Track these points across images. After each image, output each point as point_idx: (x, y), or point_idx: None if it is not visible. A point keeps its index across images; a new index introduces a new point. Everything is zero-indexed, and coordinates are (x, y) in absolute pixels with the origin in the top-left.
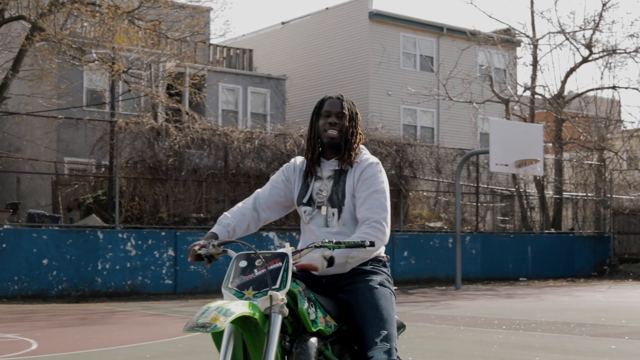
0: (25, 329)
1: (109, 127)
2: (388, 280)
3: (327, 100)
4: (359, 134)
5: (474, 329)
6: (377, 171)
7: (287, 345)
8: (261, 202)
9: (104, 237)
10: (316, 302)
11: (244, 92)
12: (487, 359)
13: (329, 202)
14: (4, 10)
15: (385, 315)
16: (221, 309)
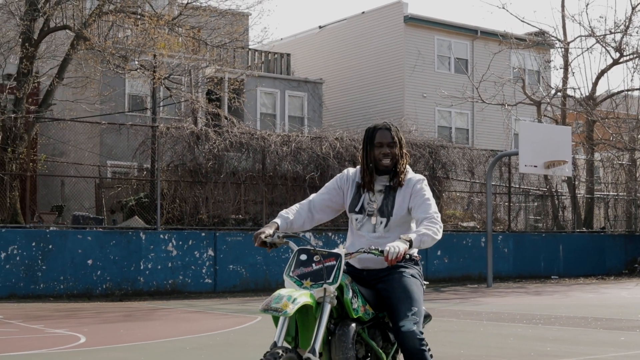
0: (72, 325)
1: (151, 131)
2: (419, 274)
3: (378, 130)
4: (405, 154)
5: (496, 323)
6: (424, 185)
7: (332, 327)
8: (315, 205)
9: (146, 238)
10: (358, 293)
11: (282, 95)
12: (502, 349)
13: (378, 212)
14: (49, 19)
15: (415, 297)
16: (290, 297)
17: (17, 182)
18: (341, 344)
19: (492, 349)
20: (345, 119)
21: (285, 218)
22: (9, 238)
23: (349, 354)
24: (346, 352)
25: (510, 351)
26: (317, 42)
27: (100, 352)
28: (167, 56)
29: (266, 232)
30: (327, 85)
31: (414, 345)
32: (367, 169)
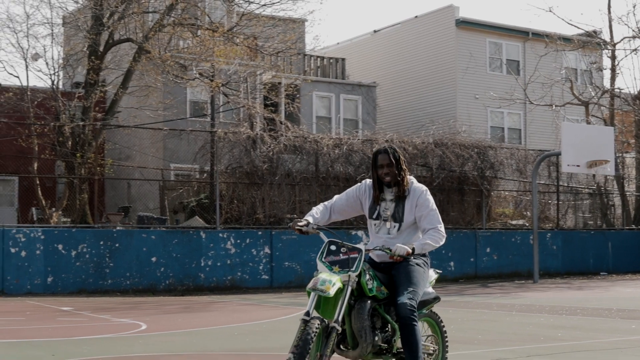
0: (136, 315)
1: (210, 136)
2: (424, 263)
3: (379, 154)
4: (404, 170)
5: (524, 314)
6: (428, 197)
7: (352, 303)
8: (335, 208)
9: (206, 237)
10: (375, 277)
11: (337, 99)
12: (517, 334)
13: (392, 218)
14: (114, 33)
15: (414, 280)
16: (330, 282)
17: (86, 185)
18: (359, 315)
19: (508, 335)
20: (399, 121)
21: (314, 216)
22: (79, 237)
23: (365, 324)
24: (363, 322)
25: (523, 336)
26: (371, 46)
27: (157, 336)
28: (225, 64)
29: (302, 222)
30: (380, 88)
31: (406, 313)
32: (376, 184)
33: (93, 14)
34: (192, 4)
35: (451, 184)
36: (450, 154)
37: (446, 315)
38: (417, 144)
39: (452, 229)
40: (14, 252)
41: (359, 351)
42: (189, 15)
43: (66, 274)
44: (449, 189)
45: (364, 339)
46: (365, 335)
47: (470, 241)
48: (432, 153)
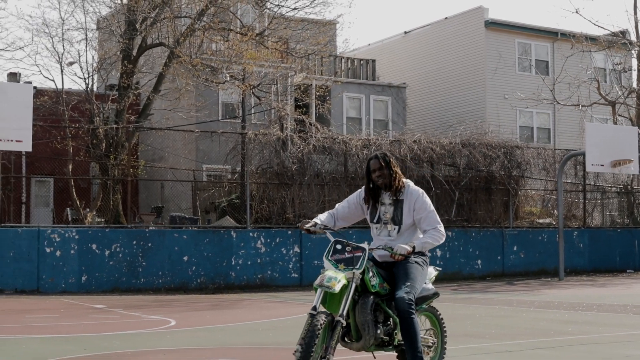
0: (166, 312)
1: (240, 138)
2: (423, 261)
3: (371, 161)
4: (397, 173)
5: (541, 310)
6: (425, 199)
7: (356, 298)
8: (338, 215)
9: (237, 236)
10: (377, 274)
11: (367, 100)
12: (529, 329)
13: (392, 221)
14: (146, 38)
15: (412, 277)
16: (336, 279)
17: (119, 186)
18: (362, 310)
19: (520, 329)
20: (429, 121)
21: (321, 219)
22: (112, 237)
23: (368, 318)
24: (366, 316)
25: (534, 331)
26: (402, 47)
27: (185, 332)
28: (256, 66)
29: (310, 223)
30: (410, 89)
31: (404, 307)
32: (371, 188)
33: (126, 19)
34: (223, 8)
35: (478, 184)
36: (477, 154)
37: (466, 311)
38: (445, 144)
39: (479, 227)
40: (49, 251)
41: (362, 343)
42: (220, 19)
43: (100, 273)
44: (476, 189)
45: (367, 331)
46: (368, 328)
47: (497, 240)
48: (459, 153)
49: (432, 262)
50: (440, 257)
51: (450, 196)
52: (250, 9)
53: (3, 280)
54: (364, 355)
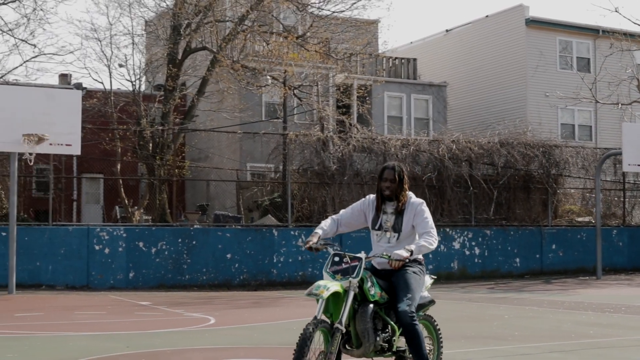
0: (207, 310)
1: (282, 139)
2: (420, 271)
3: (386, 170)
4: (404, 186)
5: (569, 311)
6: (424, 207)
7: (356, 307)
8: (341, 221)
9: (279, 235)
10: (376, 283)
11: (408, 99)
12: (552, 331)
13: (392, 229)
14: (191, 42)
15: (412, 287)
16: (325, 286)
17: (166, 186)
18: (362, 318)
19: (543, 331)
20: (469, 119)
21: (323, 230)
22: (158, 235)
23: (367, 325)
24: (365, 324)
25: (557, 333)
26: (443, 46)
27: (223, 330)
28: (296, 67)
29: (312, 241)
30: (451, 87)
31: (406, 320)
32: (379, 195)
33: (171, 24)
34: (265, 12)
35: (517, 183)
36: (515, 153)
37: (496, 312)
38: (483, 144)
39: (518, 226)
40: (98, 249)
41: (362, 350)
42: (261, 22)
43: (147, 269)
44: (515, 187)
45: (367, 339)
46: (368, 335)
47: (535, 238)
48: (497, 152)
49: (469, 261)
50: (479, 256)
51: (488, 195)
52: (291, 12)
53: (55, 276)
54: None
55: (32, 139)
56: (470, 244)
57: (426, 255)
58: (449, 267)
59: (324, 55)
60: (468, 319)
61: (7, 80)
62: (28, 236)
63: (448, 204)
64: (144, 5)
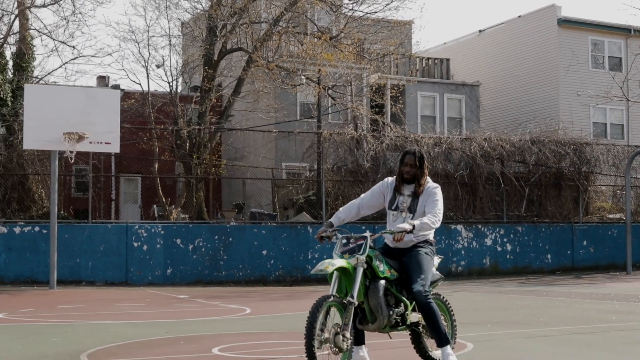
0: (243, 301)
1: (316, 137)
2: (431, 252)
3: (407, 154)
4: (424, 172)
5: (595, 301)
6: (437, 191)
7: (367, 285)
8: (363, 204)
9: (313, 231)
10: (384, 261)
11: (441, 98)
12: (575, 318)
13: (407, 210)
14: (226, 43)
15: (424, 267)
16: (330, 263)
17: (202, 185)
18: (373, 294)
19: (567, 317)
20: (502, 118)
21: (338, 217)
22: (195, 232)
23: (379, 301)
24: (378, 299)
25: (578, 319)
26: (476, 46)
27: (259, 318)
28: (330, 67)
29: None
30: (484, 87)
31: (422, 299)
32: (400, 177)
33: (207, 25)
34: (299, 13)
35: (548, 180)
36: (547, 151)
37: (524, 302)
38: (515, 142)
39: (549, 222)
40: (137, 246)
41: (377, 324)
42: (295, 23)
43: (184, 266)
44: (546, 185)
45: (380, 312)
46: (381, 310)
47: (567, 235)
48: (529, 150)
49: (501, 257)
50: (511, 252)
51: (520, 192)
52: (325, 13)
53: (94, 272)
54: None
55: (73, 137)
56: (502, 240)
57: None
58: (481, 263)
59: (357, 56)
60: (496, 308)
61: (47, 81)
62: (68, 233)
63: (480, 201)
64: (180, 7)
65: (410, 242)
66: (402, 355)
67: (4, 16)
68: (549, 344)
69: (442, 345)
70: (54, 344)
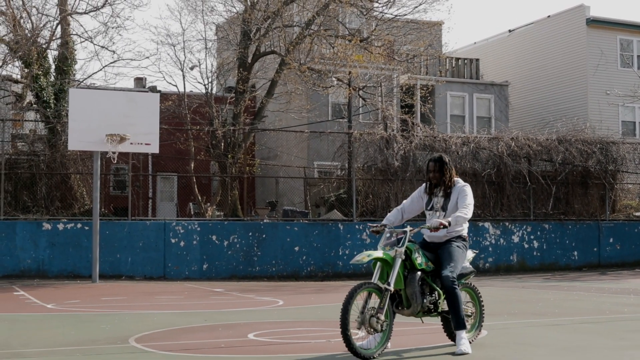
0: (276, 294)
1: (347, 137)
2: (464, 246)
3: (430, 162)
4: (450, 173)
5: (612, 295)
6: (466, 189)
7: (406, 274)
8: (405, 210)
9: (344, 229)
10: (422, 254)
11: (470, 98)
12: (588, 309)
13: (441, 209)
14: (260, 46)
15: (454, 258)
16: (367, 254)
17: (237, 183)
18: (410, 283)
19: (581, 309)
20: (531, 118)
21: (389, 219)
22: (230, 229)
23: (415, 289)
24: (413, 288)
25: (591, 311)
26: (506, 45)
27: (291, 309)
28: (361, 67)
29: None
30: (512, 86)
31: (448, 283)
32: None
33: (242, 29)
34: (330, 16)
35: (575, 178)
36: (573, 150)
37: (544, 296)
38: (542, 141)
39: (576, 220)
40: (174, 242)
41: (411, 310)
42: (327, 27)
43: (219, 261)
44: (573, 183)
45: (415, 300)
46: (416, 297)
47: (593, 232)
48: (555, 149)
49: (528, 254)
50: (537, 249)
51: (546, 191)
52: (355, 16)
53: (134, 267)
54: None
55: (115, 138)
56: (529, 237)
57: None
58: (508, 260)
59: (387, 57)
60: (516, 301)
61: (87, 84)
62: (109, 230)
63: (507, 199)
64: (215, 12)
65: (444, 236)
66: (424, 340)
67: (48, 23)
68: (557, 332)
69: (458, 329)
70: (103, 330)
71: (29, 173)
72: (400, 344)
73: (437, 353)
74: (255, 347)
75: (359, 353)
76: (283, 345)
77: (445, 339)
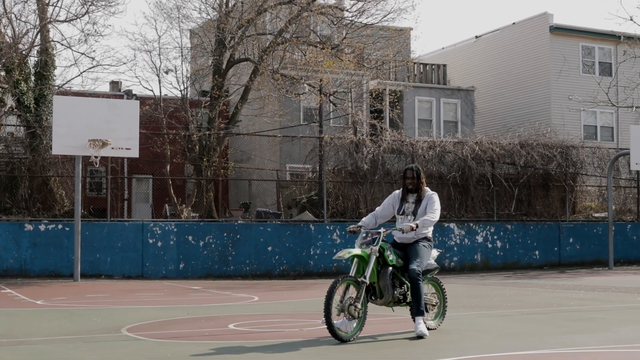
0: (251, 292)
1: (318, 141)
2: (429, 245)
3: (408, 170)
4: (422, 182)
5: (564, 290)
6: (435, 197)
7: (379, 269)
8: (378, 215)
9: (315, 229)
10: (394, 252)
11: (437, 103)
12: (539, 303)
13: (412, 213)
14: (234, 53)
15: (421, 255)
16: (348, 251)
17: (212, 185)
18: (383, 277)
19: (532, 303)
20: (496, 122)
21: (364, 222)
22: (206, 230)
23: (387, 282)
24: (385, 280)
25: (542, 304)
26: (472, 51)
27: (266, 304)
28: (332, 74)
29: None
30: (478, 91)
31: (414, 275)
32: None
33: (216, 37)
34: (302, 25)
35: (536, 181)
36: (535, 153)
37: (501, 292)
38: (504, 145)
39: (537, 221)
40: (152, 242)
41: (384, 300)
42: (299, 34)
43: (195, 261)
44: (534, 185)
45: (387, 291)
46: (387, 289)
47: (554, 232)
48: (518, 153)
49: (492, 253)
50: (500, 249)
51: (509, 193)
52: (326, 25)
53: (113, 267)
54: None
55: (97, 143)
56: (493, 237)
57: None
58: (472, 259)
59: (357, 64)
60: (474, 296)
61: (65, 89)
62: (89, 231)
63: (472, 200)
64: (189, 18)
65: (412, 238)
66: (395, 328)
67: (28, 31)
68: (504, 321)
69: (418, 315)
70: (95, 322)
71: (11, 175)
72: (375, 330)
73: (404, 337)
74: (236, 334)
75: (338, 335)
76: (261, 334)
77: (411, 325)
